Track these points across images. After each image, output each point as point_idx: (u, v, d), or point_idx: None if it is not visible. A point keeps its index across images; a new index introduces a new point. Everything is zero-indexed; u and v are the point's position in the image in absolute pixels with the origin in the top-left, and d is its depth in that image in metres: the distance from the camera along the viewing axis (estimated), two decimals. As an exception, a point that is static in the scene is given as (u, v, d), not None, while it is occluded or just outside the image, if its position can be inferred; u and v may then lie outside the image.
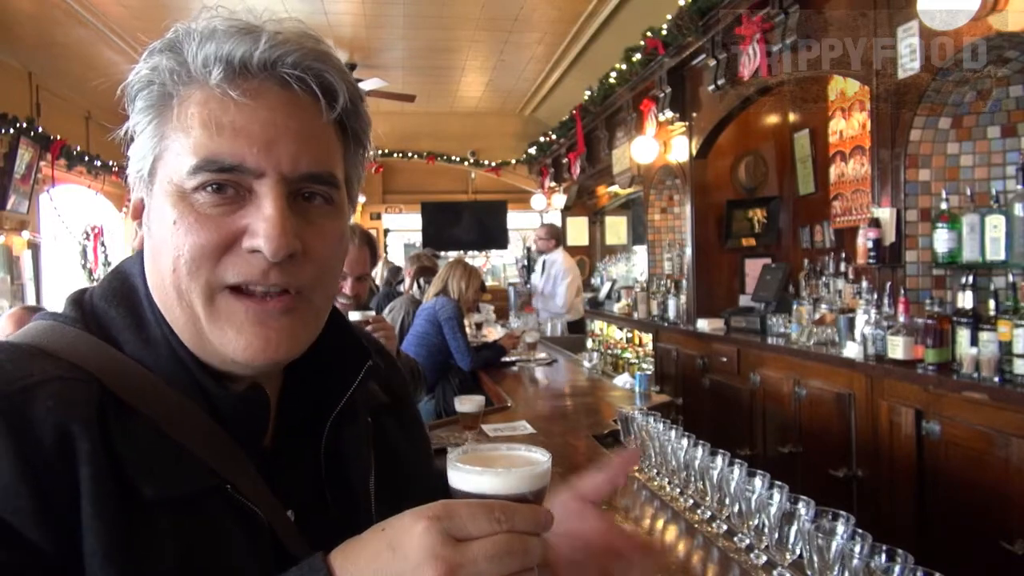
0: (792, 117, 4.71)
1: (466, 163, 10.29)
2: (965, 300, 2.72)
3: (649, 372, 4.26)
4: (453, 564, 0.53)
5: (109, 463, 0.60)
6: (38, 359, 0.64)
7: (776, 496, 1.33)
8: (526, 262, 9.20)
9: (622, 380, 3.91)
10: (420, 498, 0.59)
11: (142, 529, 0.61)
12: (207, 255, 0.67)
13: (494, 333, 5.54)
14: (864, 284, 3.40)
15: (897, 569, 1.08)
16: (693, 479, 1.72)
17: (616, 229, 9.54)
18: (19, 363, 0.63)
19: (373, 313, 2.62)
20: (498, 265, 12.03)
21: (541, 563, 0.57)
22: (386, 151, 9.92)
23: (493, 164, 10.28)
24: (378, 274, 6.67)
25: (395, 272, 6.63)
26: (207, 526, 0.65)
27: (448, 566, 0.53)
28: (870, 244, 3.17)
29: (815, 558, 1.17)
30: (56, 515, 0.58)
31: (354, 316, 2.53)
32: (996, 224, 2.78)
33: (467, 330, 4.37)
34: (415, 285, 5.10)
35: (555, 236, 7.31)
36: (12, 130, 5.34)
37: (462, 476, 0.63)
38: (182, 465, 0.65)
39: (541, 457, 0.66)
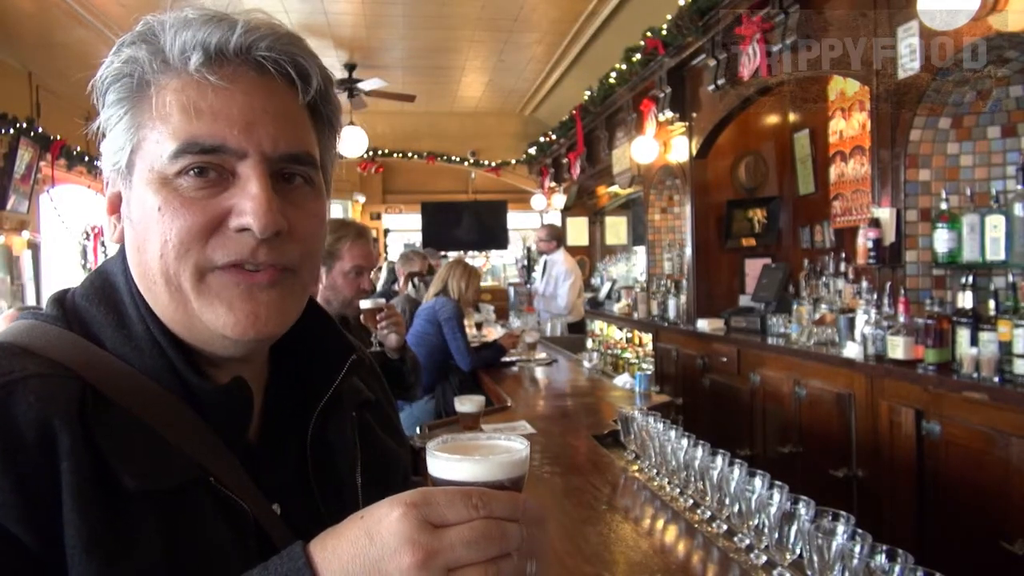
0: (792, 117, 4.71)
1: (466, 163, 10.29)
2: (965, 300, 2.72)
3: (649, 372, 4.25)
4: (430, 550, 0.54)
5: (91, 457, 0.61)
6: (19, 357, 0.65)
7: (776, 496, 1.33)
8: (526, 262, 9.20)
9: (622, 380, 3.91)
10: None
11: (124, 522, 0.61)
12: (195, 237, 0.68)
13: (494, 333, 5.54)
14: (864, 284, 3.40)
15: (897, 569, 1.09)
16: (693, 479, 1.72)
17: (616, 229, 9.54)
18: (0, 361, 0.64)
19: (383, 301, 2.64)
20: (498, 265, 12.03)
21: (518, 549, 0.58)
22: (386, 151, 9.92)
23: (493, 164, 10.28)
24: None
25: (395, 271, 6.64)
26: (191, 519, 0.65)
27: (425, 552, 0.54)
28: (870, 244, 3.17)
29: (815, 558, 1.17)
30: (38, 509, 0.58)
31: (365, 304, 2.55)
32: (996, 224, 2.78)
33: (467, 330, 4.37)
34: (410, 285, 5.11)
35: (556, 237, 7.30)
36: (12, 130, 5.34)
37: (440, 464, 0.63)
38: (165, 458, 0.65)
39: (518, 445, 0.66)
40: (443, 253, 8.23)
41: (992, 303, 2.65)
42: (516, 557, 0.58)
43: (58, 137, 5.95)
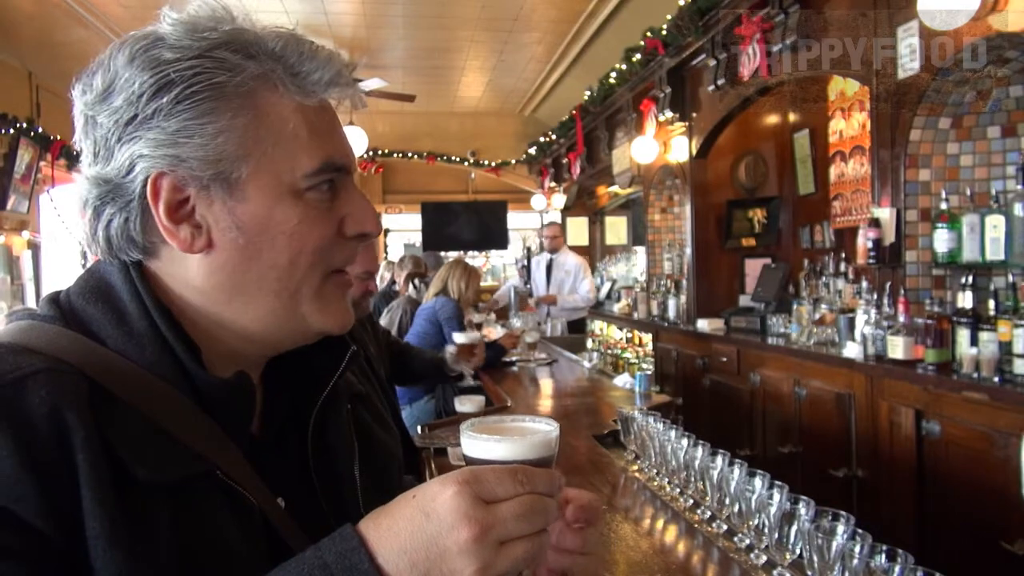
0: (792, 117, 4.71)
1: (466, 163, 10.29)
2: (965, 300, 2.72)
3: (649, 372, 4.25)
4: (485, 524, 0.58)
5: (103, 450, 0.61)
6: (23, 355, 0.65)
7: (776, 496, 1.33)
8: (526, 262, 9.21)
9: (622, 380, 3.90)
10: (401, 485, 0.62)
11: (141, 513, 0.62)
12: (327, 245, 0.74)
13: (494, 333, 5.54)
14: (864, 284, 3.40)
15: (897, 569, 1.08)
16: (693, 479, 1.72)
17: (616, 229, 9.54)
18: (5, 359, 0.64)
19: (478, 335, 2.84)
20: (498, 265, 12.02)
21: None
22: (386, 151, 9.92)
23: (493, 164, 10.28)
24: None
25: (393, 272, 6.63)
26: (201, 511, 0.66)
27: (481, 526, 0.58)
28: (870, 244, 3.18)
29: (815, 558, 1.17)
30: (59, 502, 0.59)
31: (460, 339, 2.71)
32: (996, 224, 2.78)
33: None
34: (411, 286, 5.13)
35: (563, 234, 7.41)
36: (12, 130, 5.34)
37: (479, 444, 0.67)
38: (172, 451, 0.66)
39: (548, 427, 0.71)
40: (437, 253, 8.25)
41: (992, 303, 2.65)
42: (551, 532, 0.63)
43: (58, 137, 5.94)
